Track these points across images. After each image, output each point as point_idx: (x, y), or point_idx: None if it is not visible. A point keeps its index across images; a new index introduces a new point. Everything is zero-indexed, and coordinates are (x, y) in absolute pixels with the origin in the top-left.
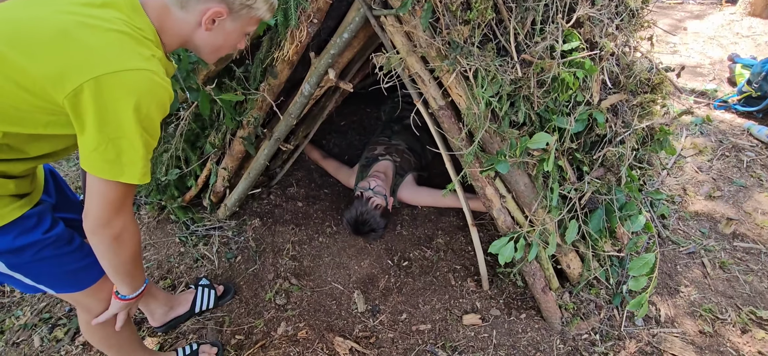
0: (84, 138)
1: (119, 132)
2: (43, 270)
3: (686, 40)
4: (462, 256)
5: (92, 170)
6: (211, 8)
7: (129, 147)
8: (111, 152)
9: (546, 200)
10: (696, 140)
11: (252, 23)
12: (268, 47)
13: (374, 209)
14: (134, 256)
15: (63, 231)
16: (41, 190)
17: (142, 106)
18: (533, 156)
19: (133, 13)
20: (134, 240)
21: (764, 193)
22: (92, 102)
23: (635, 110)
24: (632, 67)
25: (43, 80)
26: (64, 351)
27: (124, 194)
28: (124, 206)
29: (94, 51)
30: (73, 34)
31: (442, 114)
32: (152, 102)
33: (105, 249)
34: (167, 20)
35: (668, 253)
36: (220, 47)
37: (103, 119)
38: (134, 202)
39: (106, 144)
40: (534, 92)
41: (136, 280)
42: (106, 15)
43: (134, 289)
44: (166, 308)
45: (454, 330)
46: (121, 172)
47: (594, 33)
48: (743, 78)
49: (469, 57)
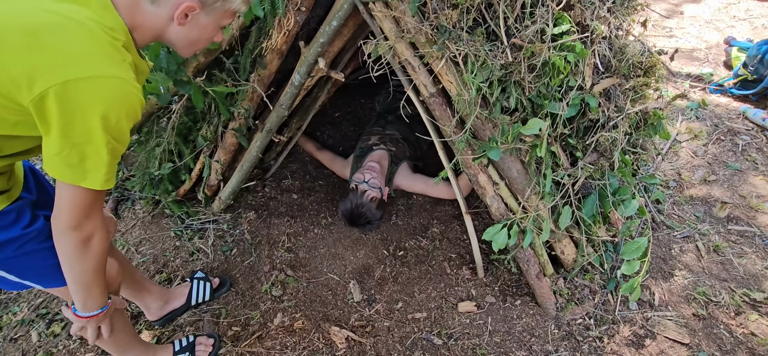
0: (48, 141)
1: (85, 138)
2: (27, 265)
3: (683, 24)
4: (457, 245)
5: (53, 173)
6: (184, 2)
7: (93, 153)
8: (74, 156)
9: (539, 186)
10: (691, 125)
11: (227, 16)
12: (257, 37)
13: (370, 202)
14: (97, 267)
15: (44, 226)
16: (21, 187)
17: (111, 114)
18: (526, 142)
19: (104, 11)
20: (101, 248)
21: (759, 176)
22: (57, 107)
23: (628, 94)
24: (625, 50)
25: (9, 83)
26: (61, 346)
27: (93, 199)
28: (93, 211)
29: (64, 54)
30: (42, 36)
31: (433, 101)
32: (122, 110)
33: (71, 253)
34: (138, 16)
35: (663, 237)
36: (196, 41)
37: (68, 124)
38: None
39: (69, 149)
40: (525, 76)
41: (93, 298)
42: (76, 14)
43: (89, 308)
44: (161, 302)
45: (449, 317)
46: (84, 177)
47: (585, 16)
48: (739, 61)
49: (458, 42)
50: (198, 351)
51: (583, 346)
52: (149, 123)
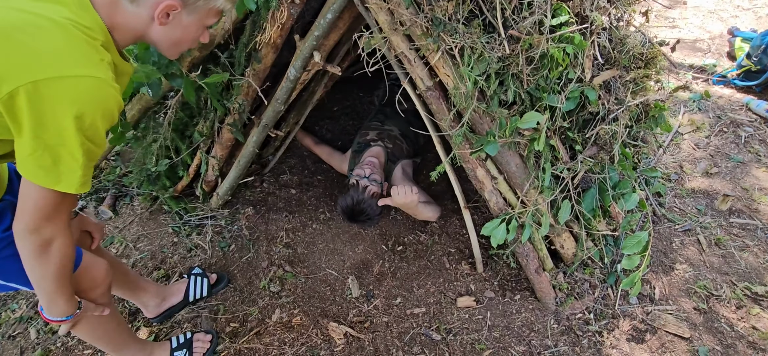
0: (20, 142)
1: (58, 140)
2: (10, 268)
3: (686, 15)
4: (456, 239)
5: (28, 174)
6: (164, 1)
7: (68, 156)
8: (47, 158)
9: (538, 180)
10: (694, 117)
11: (211, 15)
12: (251, 31)
13: (370, 198)
14: (60, 273)
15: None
16: (4, 189)
17: (85, 115)
18: (524, 136)
19: (81, 10)
20: (62, 255)
21: (762, 168)
22: (28, 107)
23: (629, 86)
24: (625, 41)
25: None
26: (59, 343)
27: (57, 203)
28: (56, 216)
29: (36, 53)
30: (13, 35)
31: (430, 95)
32: (98, 111)
33: (28, 256)
34: (118, 16)
35: (664, 231)
36: (179, 42)
37: (40, 124)
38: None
39: (42, 150)
40: (523, 69)
41: (56, 305)
42: (51, 13)
43: (53, 313)
44: (158, 299)
45: (448, 312)
46: (58, 180)
47: (584, 6)
48: (743, 52)
49: (454, 34)
50: (195, 347)
51: (582, 341)
52: (146, 119)
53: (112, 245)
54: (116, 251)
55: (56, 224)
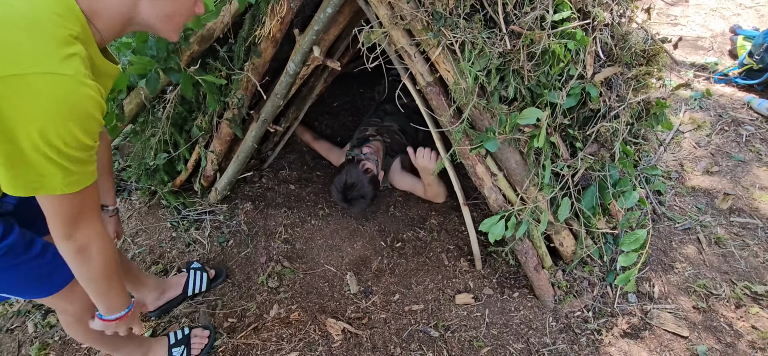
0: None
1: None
2: (3, 279)
3: (688, 13)
4: (455, 236)
5: (14, 190)
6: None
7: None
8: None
9: (538, 177)
10: (695, 115)
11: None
12: (251, 25)
13: (364, 174)
14: (105, 274)
15: (17, 239)
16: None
17: (52, 125)
18: (524, 133)
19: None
20: (103, 255)
21: (763, 167)
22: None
23: (630, 84)
24: (627, 38)
25: None
26: (57, 337)
27: (77, 206)
28: (81, 218)
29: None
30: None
31: (430, 91)
32: (70, 119)
33: (71, 262)
34: (99, 1)
35: (664, 229)
36: (173, 15)
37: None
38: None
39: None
40: (524, 65)
41: (112, 300)
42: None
43: (110, 310)
44: (157, 292)
45: (446, 309)
46: (40, 184)
47: (586, 2)
48: (745, 50)
49: (455, 29)
50: (193, 343)
51: (581, 339)
52: (144, 113)
53: None
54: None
55: (87, 229)
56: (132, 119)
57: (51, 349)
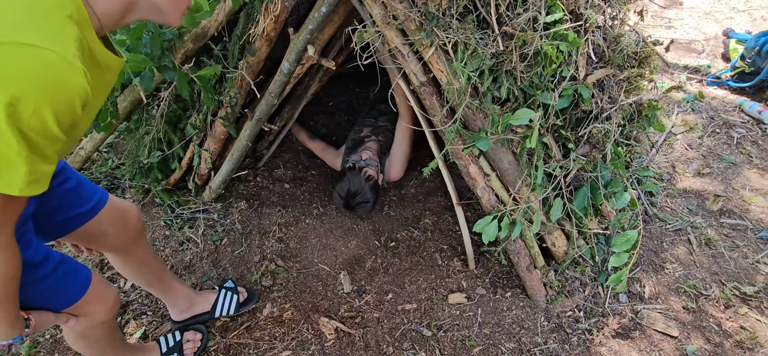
0: None
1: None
2: None
3: (682, 15)
4: (449, 236)
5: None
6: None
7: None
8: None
9: (530, 178)
10: (687, 117)
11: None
12: (245, 23)
13: (366, 181)
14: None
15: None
16: None
17: (23, 101)
18: (517, 133)
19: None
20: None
21: (753, 170)
22: None
23: (622, 86)
24: (619, 40)
25: None
26: (48, 335)
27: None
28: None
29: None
30: None
31: (424, 91)
32: (45, 98)
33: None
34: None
35: (655, 230)
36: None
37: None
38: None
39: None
40: (517, 66)
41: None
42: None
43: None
44: (185, 304)
45: (439, 309)
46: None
47: (579, 4)
48: (737, 53)
49: (447, 30)
50: (186, 348)
51: (572, 338)
52: (138, 110)
53: None
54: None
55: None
56: (126, 116)
57: (41, 348)
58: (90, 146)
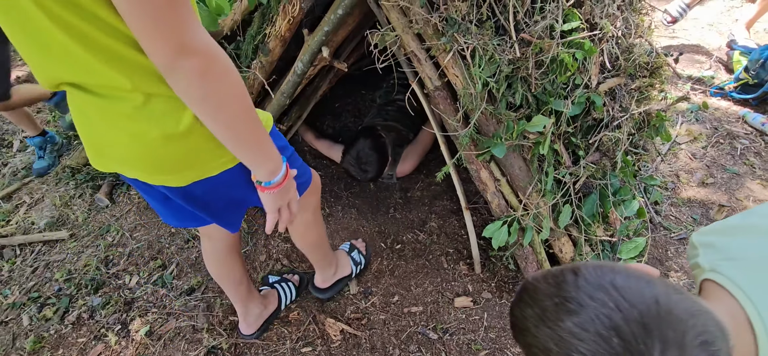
0: None
1: None
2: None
3: (686, 26)
4: (455, 239)
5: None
6: None
7: None
8: None
9: (541, 184)
10: (691, 127)
11: None
12: (260, 23)
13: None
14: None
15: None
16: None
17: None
18: (529, 139)
19: None
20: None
21: (756, 181)
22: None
23: (633, 95)
24: (632, 50)
25: None
26: (53, 330)
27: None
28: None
29: None
30: None
31: (438, 95)
32: None
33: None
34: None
35: (660, 239)
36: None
37: None
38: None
39: None
40: (532, 73)
41: (270, 146)
42: None
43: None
44: (260, 308)
45: (445, 312)
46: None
47: (594, 13)
48: (741, 65)
49: (466, 35)
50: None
51: None
52: None
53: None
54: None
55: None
56: None
57: (46, 342)
58: None
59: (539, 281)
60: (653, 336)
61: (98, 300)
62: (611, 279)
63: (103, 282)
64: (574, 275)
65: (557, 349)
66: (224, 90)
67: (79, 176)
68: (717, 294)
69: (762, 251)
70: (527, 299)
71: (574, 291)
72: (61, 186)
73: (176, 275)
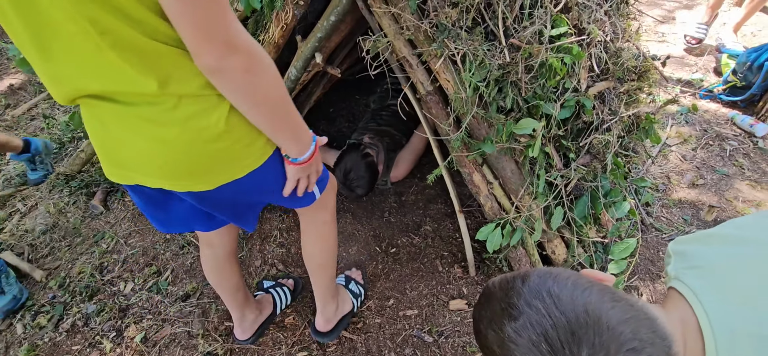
0: None
1: None
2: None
3: (675, 30)
4: (449, 243)
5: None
6: None
7: None
8: None
9: (532, 186)
10: (681, 129)
11: None
12: (254, 30)
13: (363, 157)
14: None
15: None
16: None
17: None
18: (520, 142)
19: None
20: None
21: (745, 181)
22: None
23: (622, 98)
24: (620, 54)
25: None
26: (47, 338)
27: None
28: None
29: None
30: None
31: (430, 99)
32: None
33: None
34: None
35: (651, 240)
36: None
37: None
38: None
39: None
40: (522, 77)
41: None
42: None
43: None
44: (256, 313)
45: (440, 315)
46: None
47: (582, 18)
48: (729, 68)
49: (457, 41)
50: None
51: None
52: None
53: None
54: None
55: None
56: None
57: (40, 351)
58: (90, 149)
59: (495, 285)
60: (581, 343)
61: (93, 307)
62: (550, 287)
63: (98, 289)
64: (521, 282)
65: (500, 352)
66: (266, 83)
67: (74, 183)
68: (675, 301)
69: (727, 260)
70: (483, 301)
71: (516, 298)
72: (56, 193)
73: (171, 281)
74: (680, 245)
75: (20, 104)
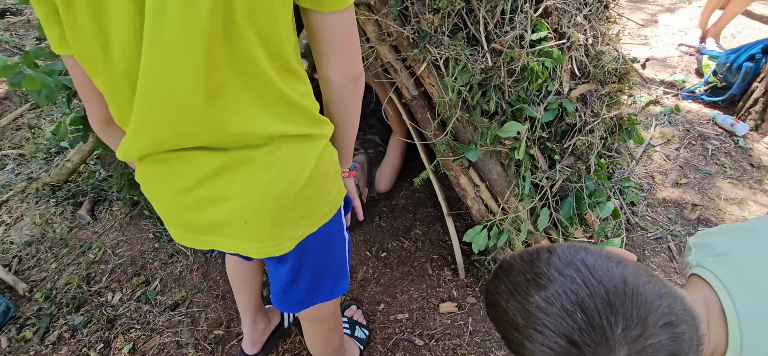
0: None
1: None
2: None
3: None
4: (439, 246)
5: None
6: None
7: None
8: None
9: (518, 188)
10: (664, 130)
11: None
12: None
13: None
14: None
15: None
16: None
17: None
18: (505, 145)
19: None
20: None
21: (727, 180)
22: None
23: (604, 100)
24: (600, 57)
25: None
26: (33, 351)
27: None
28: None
29: None
30: None
31: (415, 104)
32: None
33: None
34: None
35: (637, 239)
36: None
37: None
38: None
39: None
40: (504, 81)
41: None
42: None
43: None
44: (265, 322)
45: (430, 318)
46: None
47: (562, 23)
48: (710, 69)
49: (439, 46)
50: None
51: None
52: None
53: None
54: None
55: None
56: None
57: None
58: (77, 158)
59: (515, 259)
60: (617, 313)
61: (80, 319)
62: (582, 257)
63: (85, 300)
64: (548, 253)
65: (524, 323)
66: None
67: (60, 194)
68: (698, 285)
69: (750, 250)
70: (501, 274)
71: (546, 267)
72: (42, 204)
73: (160, 290)
74: (702, 238)
75: (5, 114)
